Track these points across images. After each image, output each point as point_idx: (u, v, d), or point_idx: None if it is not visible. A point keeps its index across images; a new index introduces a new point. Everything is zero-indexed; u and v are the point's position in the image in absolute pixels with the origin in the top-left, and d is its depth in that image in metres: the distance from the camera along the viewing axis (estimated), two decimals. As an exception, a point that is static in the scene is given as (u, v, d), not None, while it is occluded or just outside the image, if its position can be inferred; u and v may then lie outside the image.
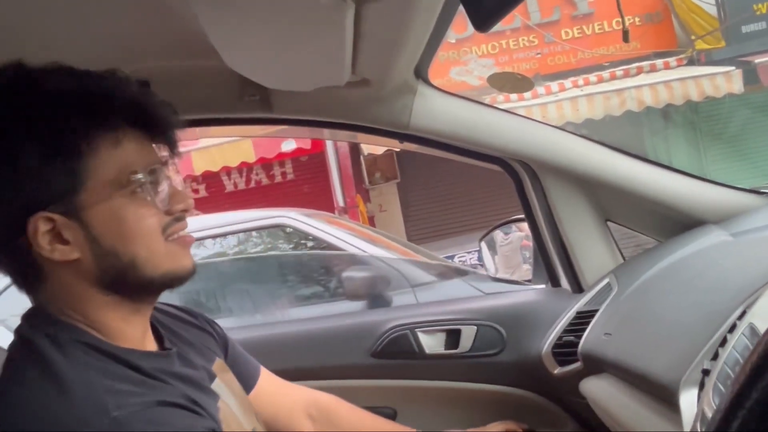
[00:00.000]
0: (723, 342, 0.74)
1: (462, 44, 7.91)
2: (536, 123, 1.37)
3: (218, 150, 6.95)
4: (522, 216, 1.54)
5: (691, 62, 7.85)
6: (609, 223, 1.42)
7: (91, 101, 0.76)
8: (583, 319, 1.28)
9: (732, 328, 0.75)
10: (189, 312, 1.00)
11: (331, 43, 0.91)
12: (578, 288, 1.43)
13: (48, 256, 0.75)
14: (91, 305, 0.78)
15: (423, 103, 1.28)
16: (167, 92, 0.83)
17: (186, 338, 0.92)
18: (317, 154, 7.86)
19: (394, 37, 0.96)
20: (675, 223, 1.32)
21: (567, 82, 7.59)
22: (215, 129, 1.46)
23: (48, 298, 0.79)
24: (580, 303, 1.35)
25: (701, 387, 0.73)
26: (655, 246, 1.36)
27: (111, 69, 0.79)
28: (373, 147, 6.90)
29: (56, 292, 0.78)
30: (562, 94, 7.39)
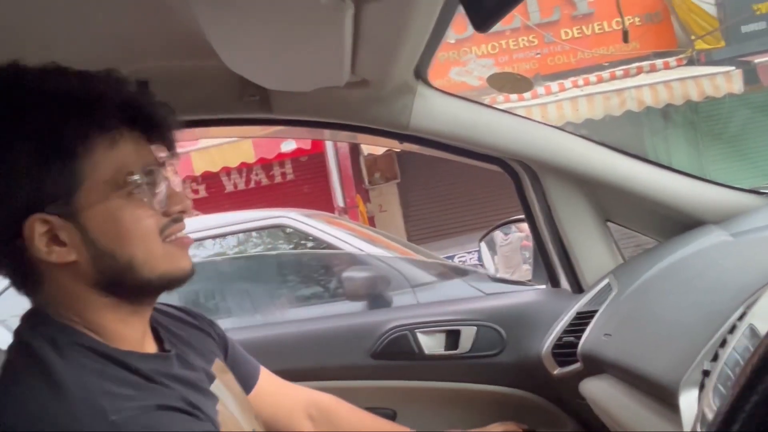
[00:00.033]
0: (723, 343, 0.74)
1: (462, 44, 7.91)
2: (536, 123, 1.37)
3: (218, 150, 6.96)
4: (522, 216, 1.54)
5: (691, 62, 7.85)
6: (609, 224, 1.42)
7: (87, 102, 0.75)
8: (583, 320, 1.28)
9: (732, 329, 0.75)
10: (188, 312, 1.00)
11: (331, 44, 0.91)
12: (578, 288, 1.42)
13: (45, 258, 0.74)
14: (89, 307, 0.78)
15: (423, 104, 1.28)
16: (167, 92, 0.83)
17: (185, 339, 0.92)
18: (317, 155, 7.86)
19: (394, 38, 0.96)
20: (675, 223, 1.32)
21: (567, 82, 7.59)
22: (215, 129, 1.46)
23: (46, 300, 0.78)
24: (580, 303, 1.34)
25: (701, 388, 0.72)
26: (655, 246, 1.36)
27: (108, 69, 0.79)
28: (373, 147, 6.90)
29: (54, 294, 0.78)
30: (562, 94, 7.39)
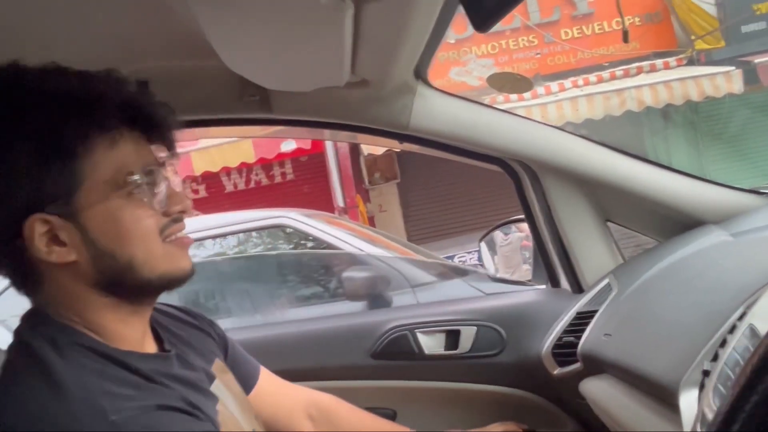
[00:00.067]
0: (723, 343, 0.74)
1: (461, 44, 7.91)
2: (536, 123, 1.37)
3: (218, 150, 6.96)
4: (522, 216, 1.54)
5: (691, 62, 7.85)
6: (609, 224, 1.42)
7: (87, 102, 0.75)
8: (583, 320, 1.28)
9: (732, 329, 0.75)
10: (189, 312, 1.00)
11: (331, 44, 0.91)
12: (578, 288, 1.42)
13: (45, 258, 0.74)
14: (89, 307, 0.78)
15: (422, 104, 1.28)
16: (167, 92, 0.83)
17: (185, 339, 0.92)
18: (317, 155, 7.86)
19: (394, 38, 0.96)
20: (675, 223, 1.32)
21: (567, 82, 7.59)
22: (215, 129, 1.46)
23: (46, 300, 0.78)
24: (580, 303, 1.34)
25: (701, 388, 0.72)
26: (655, 246, 1.36)
27: (108, 69, 0.79)
28: (373, 147, 6.90)
29: (54, 294, 0.78)
30: (562, 94, 7.39)
